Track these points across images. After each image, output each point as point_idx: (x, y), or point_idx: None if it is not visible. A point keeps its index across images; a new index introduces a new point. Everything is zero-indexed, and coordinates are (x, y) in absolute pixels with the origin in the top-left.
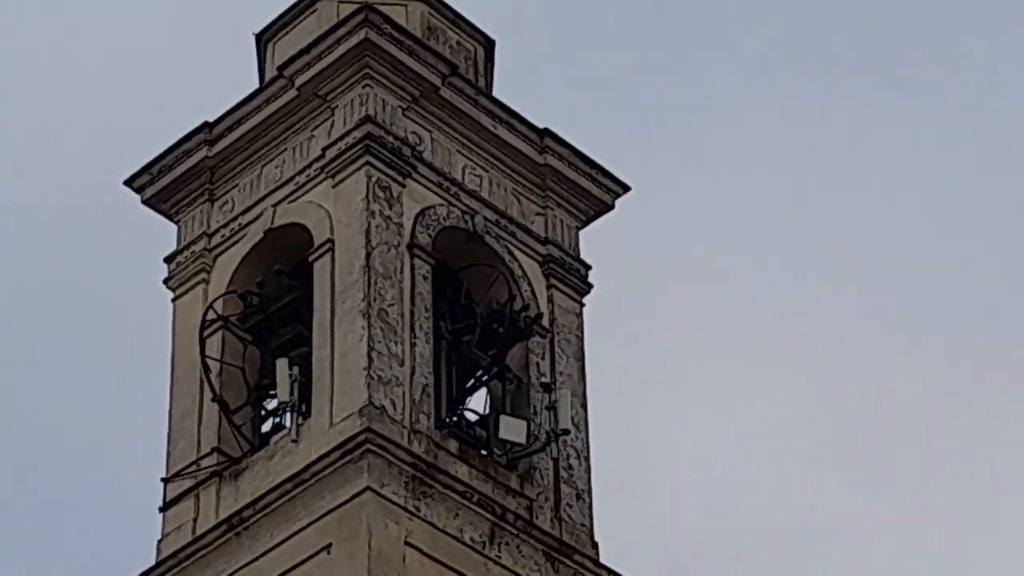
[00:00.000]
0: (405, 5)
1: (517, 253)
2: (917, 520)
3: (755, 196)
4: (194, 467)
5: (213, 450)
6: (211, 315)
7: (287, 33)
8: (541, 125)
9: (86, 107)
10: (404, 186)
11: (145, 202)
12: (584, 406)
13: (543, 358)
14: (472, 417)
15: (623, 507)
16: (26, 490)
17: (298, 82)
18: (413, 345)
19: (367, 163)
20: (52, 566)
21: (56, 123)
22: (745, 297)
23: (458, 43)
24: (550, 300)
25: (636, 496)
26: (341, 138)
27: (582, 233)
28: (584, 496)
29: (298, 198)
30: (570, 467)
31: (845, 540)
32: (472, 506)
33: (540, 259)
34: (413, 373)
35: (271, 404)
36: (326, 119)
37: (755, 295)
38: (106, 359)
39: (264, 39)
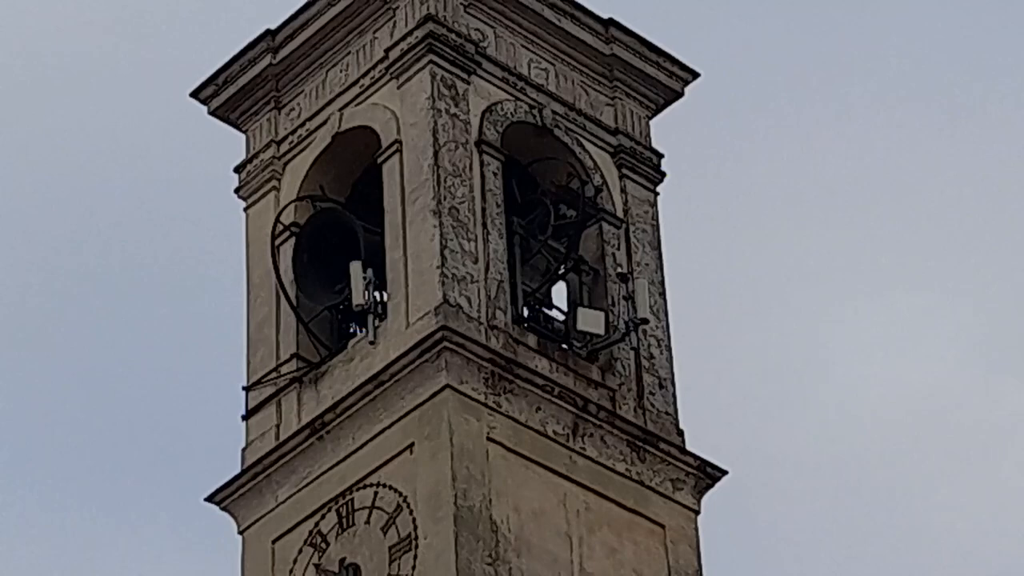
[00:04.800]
0: None
1: (587, 145)
2: None
3: (823, 79)
4: (274, 374)
5: (292, 356)
6: (283, 222)
7: None
8: (606, 15)
9: (149, 20)
10: (469, 83)
11: (212, 113)
12: (663, 295)
13: (619, 249)
14: (552, 312)
15: (710, 395)
16: (112, 404)
17: None
18: (486, 242)
19: (431, 62)
20: (141, 479)
21: (119, 38)
22: (822, 172)
23: None
24: (623, 190)
25: (722, 383)
26: (403, 38)
27: (652, 122)
28: (667, 384)
29: (364, 101)
30: (651, 356)
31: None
32: (553, 399)
33: (611, 150)
34: (487, 269)
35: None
36: (388, 20)
37: (830, 170)
38: (183, 272)
39: None
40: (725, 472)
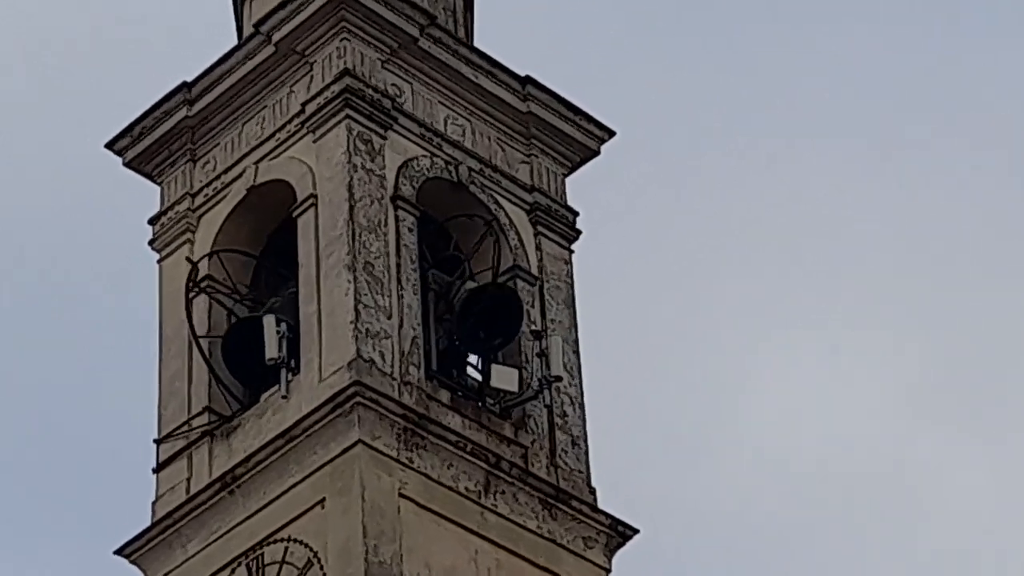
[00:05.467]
0: None
1: (503, 202)
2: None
3: (740, 136)
4: (186, 427)
5: (204, 409)
6: (197, 275)
7: None
8: (523, 73)
9: (65, 71)
10: (386, 138)
11: (127, 164)
12: (576, 352)
13: (533, 306)
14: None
15: (622, 453)
16: (22, 454)
17: (275, 38)
18: (400, 297)
19: (347, 116)
20: (49, 530)
21: (35, 87)
22: (735, 233)
23: None
24: (538, 248)
25: (636, 441)
26: (320, 93)
27: (568, 180)
28: (579, 442)
29: (280, 154)
30: (564, 414)
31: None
32: (466, 456)
33: (527, 207)
34: (401, 325)
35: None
36: (305, 74)
37: (744, 230)
38: (96, 323)
39: None
40: (637, 531)
